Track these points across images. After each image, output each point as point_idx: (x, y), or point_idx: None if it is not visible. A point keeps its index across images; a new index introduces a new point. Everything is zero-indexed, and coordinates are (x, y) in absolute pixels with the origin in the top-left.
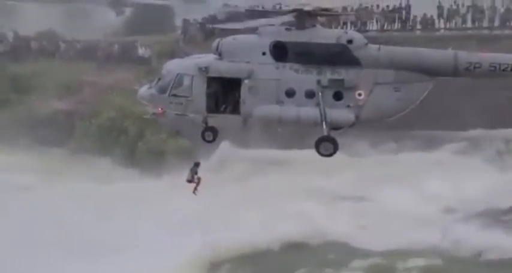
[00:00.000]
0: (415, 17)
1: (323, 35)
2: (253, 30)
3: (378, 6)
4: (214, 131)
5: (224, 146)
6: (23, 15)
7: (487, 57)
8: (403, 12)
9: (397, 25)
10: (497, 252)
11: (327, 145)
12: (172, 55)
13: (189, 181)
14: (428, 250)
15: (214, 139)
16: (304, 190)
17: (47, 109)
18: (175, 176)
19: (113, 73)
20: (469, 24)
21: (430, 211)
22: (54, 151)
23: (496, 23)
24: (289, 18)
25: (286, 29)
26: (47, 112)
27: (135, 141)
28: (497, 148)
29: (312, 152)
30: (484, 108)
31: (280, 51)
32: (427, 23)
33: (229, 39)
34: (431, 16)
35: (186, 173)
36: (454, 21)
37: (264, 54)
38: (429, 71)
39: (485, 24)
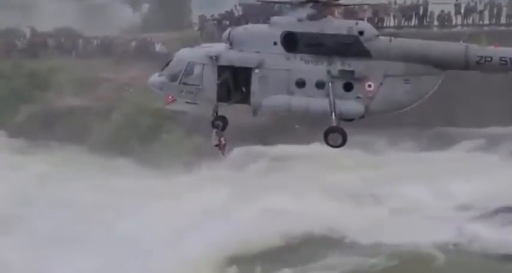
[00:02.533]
0: (432, 13)
1: (334, 25)
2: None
3: (395, 2)
4: (224, 120)
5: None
6: (41, 12)
7: (499, 50)
8: (421, 8)
9: (414, 21)
10: None
11: (335, 136)
12: None
13: (217, 145)
14: (444, 247)
15: (224, 129)
16: (320, 187)
17: (64, 105)
18: (192, 173)
19: (129, 70)
20: (486, 20)
21: (447, 208)
22: (71, 148)
23: None
24: (304, 10)
25: (298, 19)
26: (63, 108)
27: (151, 138)
28: None
29: (328, 148)
30: (502, 105)
31: (291, 42)
32: (444, 19)
33: (240, 28)
34: (449, 12)
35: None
36: (471, 18)
37: (275, 44)
38: (440, 64)
39: (502, 20)
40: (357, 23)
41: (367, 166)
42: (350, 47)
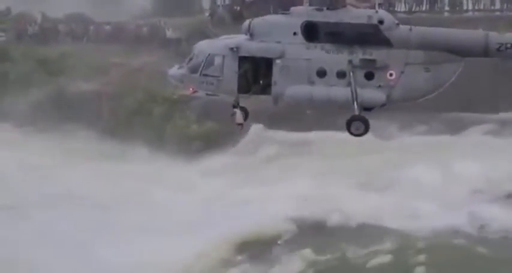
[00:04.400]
0: None
1: (354, 15)
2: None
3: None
4: (245, 111)
5: (255, 129)
6: None
7: None
8: None
9: (425, 6)
10: None
11: (358, 125)
12: (201, 37)
13: (240, 124)
14: (456, 231)
15: (245, 120)
16: (332, 172)
17: (75, 90)
18: (203, 158)
19: (141, 56)
20: (497, 5)
21: (459, 192)
22: (83, 133)
23: None
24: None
25: (317, 9)
26: (75, 93)
27: (163, 124)
28: None
29: (341, 134)
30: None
31: (311, 31)
32: (456, 4)
33: (260, 19)
34: None
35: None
36: (482, 3)
37: (295, 34)
38: (460, 51)
39: None
40: (376, 12)
41: (378, 150)
42: (370, 36)
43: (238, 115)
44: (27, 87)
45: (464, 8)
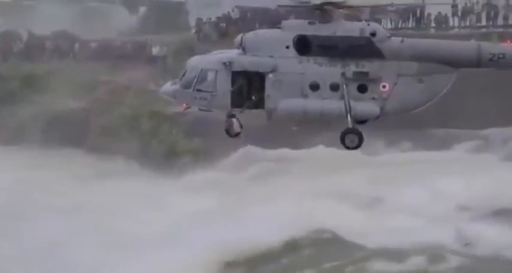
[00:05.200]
0: (429, 15)
1: (346, 28)
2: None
3: (392, 5)
4: (238, 123)
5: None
6: (38, 15)
7: (511, 47)
8: (418, 10)
9: (411, 23)
10: None
11: (352, 137)
12: (188, 54)
13: (237, 133)
14: (442, 248)
15: (238, 134)
16: (318, 189)
17: (62, 108)
18: (189, 175)
19: (127, 73)
20: (483, 22)
21: (445, 209)
22: (69, 150)
23: (511, 21)
24: (310, 14)
25: (309, 22)
26: (61, 111)
27: (150, 140)
28: None
29: (328, 150)
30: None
31: (303, 45)
32: (441, 21)
33: (252, 33)
34: (446, 14)
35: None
36: (468, 19)
37: (287, 48)
38: (452, 62)
39: (499, 22)
40: (368, 24)
41: (364, 167)
42: (363, 49)
43: (236, 124)
44: (13, 105)
45: (450, 24)
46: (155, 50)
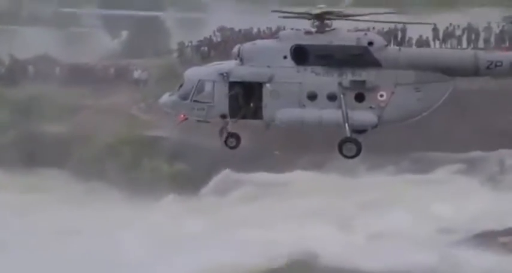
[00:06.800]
0: (410, 38)
1: (343, 37)
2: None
3: (373, 28)
4: (237, 137)
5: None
6: (20, 39)
7: (508, 55)
8: (399, 33)
9: (392, 46)
10: None
11: (350, 146)
12: (170, 77)
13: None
14: (426, 272)
15: (237, 145)
16: (300, 212)
17: (43, 132)
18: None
19: (109, 96)
20: (464, 45)
21: (428, 232)
22: (50, 175)
23: (492, 44)
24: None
25: (306, 32)
26: (43, 135)
27: (132, 165)
28: (494, 169)
29: (310, 174)
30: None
31: (301, 55)
32: (423, 44)
33: (249, 44)
34: (427, 38)
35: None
36: (449, 43)
37: (285, 58)
38: (450, 71)
39: (480, 45)
40: (365, 34)
41: (347, 190)
42: (360, 58)
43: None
44: None
45: (432, 47)
46: (137, 74)
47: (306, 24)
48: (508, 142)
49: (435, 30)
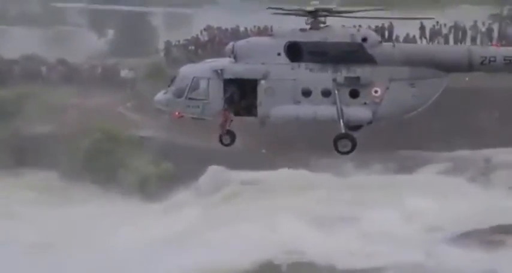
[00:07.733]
0: (397, 37)
1: (337, 33)
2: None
3: (360, 25)
4: (231, 134)
5: (212, 169)
6: (7, 39)
7: (501, 50)
8: (386, 32)
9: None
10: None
11: (345, 142)
12: (157, 77)
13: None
14: (413, 271)
15: (232, 143)
16: (286, 211)
17: (31, 132)
18: (159, 199)
19: (96, 96)
20: (451, 43)
21: (415, 231)
22: (39, 174)
23: (478, 42)
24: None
25: (300, 29)
26: (31, 135)
27: (119, 164)
28: (481, 167)
29: (296, 172)
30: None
31: (295, 51)
32: (410, 42)
33: (243, 41)
34: (414, 36)
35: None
36: (436, 41)
37: (279, 54)
38: (444, 66)
39: (467, 43)
40: (359, 30)
41: (334, 189)
42: (354, 54)
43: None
44: None
45: None
46: (123, 73)
47: (296, 23)
48: (494, 140)
49: (422, 28)
